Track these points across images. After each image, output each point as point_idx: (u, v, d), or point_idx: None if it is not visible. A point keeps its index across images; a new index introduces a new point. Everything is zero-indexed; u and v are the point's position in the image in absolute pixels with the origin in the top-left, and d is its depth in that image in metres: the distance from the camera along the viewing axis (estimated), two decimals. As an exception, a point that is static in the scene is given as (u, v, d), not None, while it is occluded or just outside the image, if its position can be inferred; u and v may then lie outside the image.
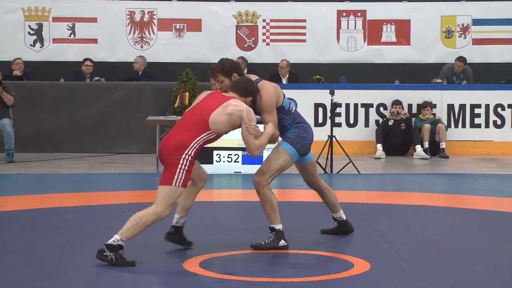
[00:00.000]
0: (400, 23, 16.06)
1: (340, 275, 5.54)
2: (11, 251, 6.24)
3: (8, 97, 12.54)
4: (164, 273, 5.63)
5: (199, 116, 5.90)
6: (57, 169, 11.77)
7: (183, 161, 5.75)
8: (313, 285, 5.32)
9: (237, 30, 16.08)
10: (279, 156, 6.33)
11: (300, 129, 6.39)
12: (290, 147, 6.34)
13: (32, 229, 7.24)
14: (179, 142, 5.80)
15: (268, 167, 6.32)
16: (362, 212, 8.20)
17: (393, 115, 13.75)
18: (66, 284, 5.33)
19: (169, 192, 5.73)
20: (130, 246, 6.08)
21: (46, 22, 15.84)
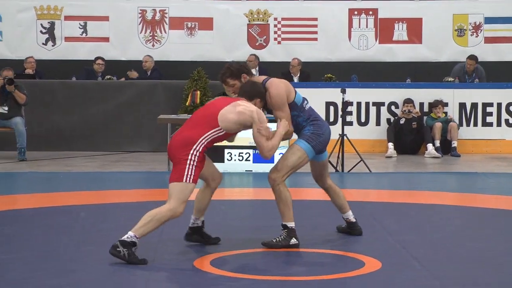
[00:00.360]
0: (412, 21, 16.02)
1: (351, 274, 5.54)
2: (23, 249, 6.26)
3: (20, 96, 12.58)
4: (175, 271, 5.64)
5: (208, 113, 5.92)
6: (68, 167, 11.81)
7: (192, 156, 5.75)
8: (324, 283, 5.32)
9: (249, 28, 16.08)
10: (294, 153, 6.30)
11: (316, 126, 6.36)
12: (306, 144, 6.31)
13: (43, 227, 7.26)
14: (187, 138, 5.82)
15: (283, 164, 6.29)
16: (373, 210, 8.19)
17: (404, 113, 13.72)
18: (78, 281, 5.35)
19: (180, 189, 5.72)
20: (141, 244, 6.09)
21: (58, 21, 15.88)
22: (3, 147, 12.89)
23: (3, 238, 6.69)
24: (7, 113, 12.58)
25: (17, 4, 15.79)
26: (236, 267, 5.67)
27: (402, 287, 5.28)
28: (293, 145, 6.35)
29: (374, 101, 14.03)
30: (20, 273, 5.50)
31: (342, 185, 10.46)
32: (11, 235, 6.86)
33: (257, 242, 6.38)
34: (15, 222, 7.48)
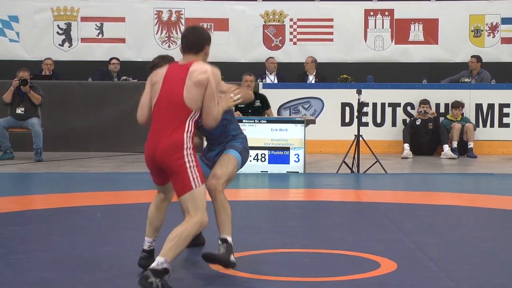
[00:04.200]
0: (428, 22, 15.98)
1: (367, 275, 5.53)
2: (40, 249, 6.28)
3: (35, 97, 12.64)
4: (192, 273, 5.64)
5: (173, 104, 5.17)
6: (84, 168, 11.85)
7: (187, 158, 5.11)
8: (339, 284, 5.31)
9: (264, 29, 16.08)
10: (232, 162, 5.82)
11: (245, 141, 5.98)
12: (238, 155, 5.88)
13: (60, 227, 7.29)
14: (173, 142, 5.12)
15: (222, 171, 5.76)
16: (389, 212, 8.17)
17: (420, 114, 13.69)
18: (94, 282, 5.36)
19: (195, 197, 5.11)
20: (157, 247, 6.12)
21: (75, 22, 15.95)
22: (20, 148, 12.95)
23: (20, 239, 6.72)
24: (23, 114, 12.65)
25: (33, 5, 15.88)
26: (251, 269, 5.66)
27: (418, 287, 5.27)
28: (228, 154, 5.84)
29: (390, 102, 14.00)
30: (37, 273, 5.53)
31: (358, 185, 10.46)
32: (28, 235, 6.89)
33: (272, 243, 6.38)
34: (31, 223, 7.51)
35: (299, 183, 10.76)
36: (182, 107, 5.15)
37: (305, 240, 6.68)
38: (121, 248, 5.76)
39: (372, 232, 7.11)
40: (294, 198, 9.78)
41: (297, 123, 11.33)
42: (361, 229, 7.27)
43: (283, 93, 14.03)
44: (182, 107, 5.15)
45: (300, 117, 12.00)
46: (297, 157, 11.20)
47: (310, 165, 11.75)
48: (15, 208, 8.44)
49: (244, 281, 5.38)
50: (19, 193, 9.71)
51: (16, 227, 7.22)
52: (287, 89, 14.15)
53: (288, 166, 11.20)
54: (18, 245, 6.43)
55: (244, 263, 5.82)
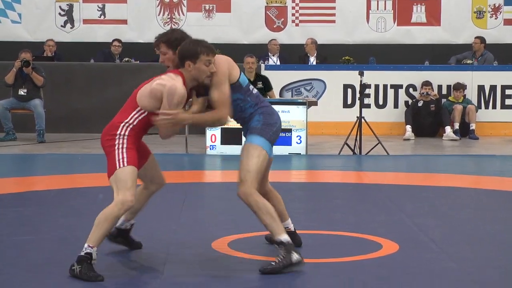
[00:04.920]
0: (431, 3, 15.94)
1: (369, 256, 5.56)
2: (43, 231, 6.32)
3: (37, 78, 12.65)
4: (193, 253, 5.66)
5: (132, 95, 5.28)
6: (87, 149, 11.86)
7: (118, 140, 5.14)
8: (341, 265, 5.34)
9: (266, 11, 16.04)
10: (251, 154, 5.27)
11: (266, 115, 5.35)
12: (259, 138, 5.31)
13: (62, 208, 7.32)
14: (111, 125, 5.23)
15: (245, 172, 5.25)
16: (390, 193, 8.19)
17: (422, 96, 13.69)
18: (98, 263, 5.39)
19: (118, 177, 5.07)
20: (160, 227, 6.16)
21: (77, 3, 15.92)
22: (22, 129, 12.96)
23: (22, 220, 6.75)
24: (26, 95, 12.67)
25: (36, -14, 15.85)
26: (253, 249, 5.69)
27: (419, 269, 5.29)
28: (246, 144, 5.33)
29: (392, 84, 14.00)
30: (40, 254, 5.56)
31: (360, 167, 10.48)
32: (31, 216, 6.92)
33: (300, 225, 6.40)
34: (34, 204, 7.54)
35: (301, 164, 10.78)
36: (133, 100, 5.22)
37: (307, 222, 6.70)
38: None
39: (374, 213, 7.14)
40: (296, 180, 9.80)
41: (299, 105, 11.34)
42: (363, 211, 7.30)
43: (285, 74, 14.02)
44: (133, 100, 5.22)
45: (302, 99, 12.00)
46: (299, 138, 11.21)
47: (312, 147, 11.77)
48: (17, 189, 8.47)
49: (246, 262, 5.41)
50: (22, 174, 9.74)
51: (19, 208, 7.25)
52: (289, 71, 14.14)
53: (290, 148, 11.22)
54: (21, 226, 6.46)
55: (246, 244, 5.86)
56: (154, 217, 6.59)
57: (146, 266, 5.41)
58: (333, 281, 5.05)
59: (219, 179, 9.74)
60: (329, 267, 5.31)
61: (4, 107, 12.60)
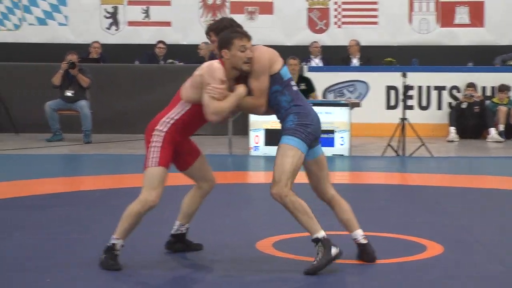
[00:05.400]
0: (474, 4, 15.83)
1: (413, 258, 5.55)
2: (92, 230, 6.42)
3: (84, 79, 12.83)
4: (238, 253, 5.71)
5: (176, 94, 5.39)
6: (132, 150, 11.99)
7: (154, 137, 5.22)
8: (385, 267, 5.34)
9: (309, 12, 16.07)
10: (286, 155, 5.18)
11: (300, 115, 5.23)
12: (293, 138, 5.20)
13: (110, 208, 7.41)
14: (153, 121, 5.30)
15: (279, 172, 5.18)
16: (435, 195, 8.18)
17: (466, 97, 13.61)
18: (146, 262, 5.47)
19: (147, 176, 5.22)
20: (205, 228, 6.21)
21: (122, 6, 16.09)
22: (69, 130, 13.15)
23: (70, 219, 6.86)
24: (72, 97, 12.85)
25: (82, -11, 16.06)
26: (297, 250, 5.72)
27: (464, 271, 5.27)
28: (280, 145, 5.23)
29: (435, 85, 13.96)
30: (89, 253, 5.64)
31: (403, 169, 10.47)
32: (78, 216, 7.03)
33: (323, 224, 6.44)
34: (81, 204, 7.66)
35: (344, 166, 10.79)
36: (176, 97, 5.32)
37: (352, 223, 6.70)
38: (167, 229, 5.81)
39: (418, 215, 7.14)
40: (339, 181, 9.80)
41: (342, 106, 11.35)
42: (407, 212, 7.30)
43: (328, 76, 14.04)
44: (176, 96, 5.32)
45: (345, 100, 12.01)
46: (342, 140, 11.23)
47: (355, 148, 11.77)
48: (65, 189, 8.61)
49: (290, 262, 5.44)
50: (69, 174, 9.90)
51: (67, 208, 7.37)
52: (332, 72, 14.15)
53: (334, 149, 11.24)
54: (69, 226, 6.57)
55: (290, 244, 5.89)
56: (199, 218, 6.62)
57: (192, 266, 5.47)
58: (377, 283, 5.05)
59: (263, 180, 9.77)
60: (373, 269, 5.31)
61: (52, 108, 12.80)
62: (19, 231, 6.30)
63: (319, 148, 5.41)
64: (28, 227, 6.47)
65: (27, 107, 13.77)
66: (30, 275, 5.09)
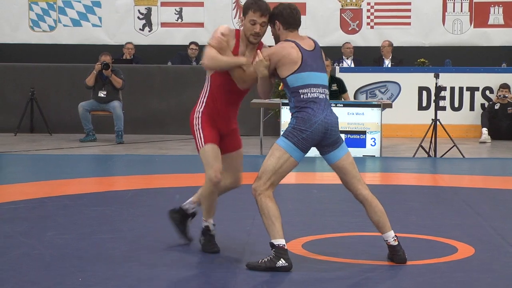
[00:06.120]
0: (509, 4, 15.72)
1: (444, 259, 5.54)
2: (123, 229, 6.47)
3: (117, 80, 12.93)
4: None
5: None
6: (164, 150, 12.07)
7: (195, 121, 5.53)
8: (416, 268, 5.33)
9: (341, 13, 16.05)
10: (272, 154, 5.27)
11: (299, 119, 5.24)
12: (285, 141, 5.24)
13: (141, 208, 7.49)
14: (192, 110, 5.60)
15: (262, 169, 5.28)
16: (466, 196, 8.14)
17: (499, 98, 13.52)
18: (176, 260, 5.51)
19: (202, 158, 5.47)
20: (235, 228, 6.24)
21: (155, 7, 16.19)
22: (102, 130, 13.27)
23: (103, 218, 6.94)
24: (105, 97, 12.96)
25: (116, -10, 16.18)
26: (327, 251, 5.73)
27: (496, 273, 5.24)
28: (274, 144, 5.36)
29: (468, 86, 13.87)
30: (122, 251, 5.70)
31: (435, 170, 10.42)
32: (111, 215, 7.10)
33: (348, 226, 6.43)
34: (114, 203, 7.72)
35: (375, 167, 10.77)
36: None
37: (382, 224, 6.70)
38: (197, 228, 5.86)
39: (449, 216, 7.11)
40: (370, 182, 9.75)
41: (374, 107, 11.33)
42: (438, 214, 7.28)
43: (360, 77, 14.01)
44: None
45: (376, 101, 11.99)
46: (374, 141, 11.22)
47: (386, 149, 11.74)
48: (98, 189, 8.69)
49: (320, 263, 5.45)
50: (102, 174, 9.98)
51: (99, 207, 7.45)
52: (363, 73, 14.13)
53: (365, 150, 11.22)
54: (101, 225, 6.64)
55: (320, 245, 5.90)
56: (229, 217, 6.70)
57: (222, 265, 5.50)
58: (408, 284, 5.06)
59: (292, 181, 9.78)
60: (404, 270, 5.31)
61: (85, 108, 12.91)
62: (51, 230, 6.37)
63: (337, 152, 5.41)
64: (61, 227, 6.54)
65: (61, 108, 13.93)
66: (61, 273, 5.15)
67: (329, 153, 5.39)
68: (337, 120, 5.40)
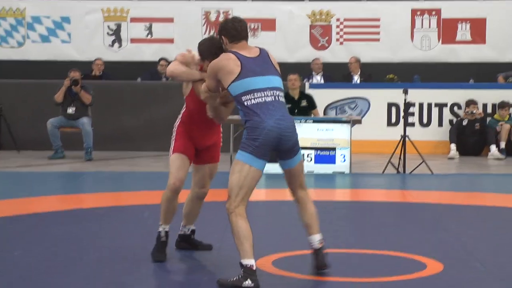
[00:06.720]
0: (476, 21, 15.88)
1: (413, 276, 5.56)
2: (90, 248, 6.41)
3: (86, 96, 12.87)
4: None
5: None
6: (134, 167, 12.01)
7: (173, 132, 5.99)
8: (385, 285, 5.34)
9: (311, 29, 16.13)
10: (233, 170, 5.28)
11: (249, 129, 5.27)
12: (241, 152, 5.28)
13: (109, 226, 7.43)
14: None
15: (229, 189, 5.29)
16: (435, 212, 8.18)
17: (467, 114, 13.63)
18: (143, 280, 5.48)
19: (169, 164, 5.94)
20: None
21: (125, 23, 16.16)
22: (70, 147, 13.17)
23: (69, 237, 6.86)
24: (74, 114, 12.88)
25: (85, 6, 16.10)
26: (297, 268, 5.73)
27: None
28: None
29: (436, 102, 13.97)
30: (89, 271, 5.66)
31: (404, 186, 10.47)
32: (78, 234, 7.02)
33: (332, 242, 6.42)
34: (82, 221, 7.66)
35: (345, 183, 10.80)
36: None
37: (351, 241, 6.73)
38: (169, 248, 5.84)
39: (418, 233, 7.14)
40: (340, 199, 9.82)
41: (343, 123, 11.37)
42: (407, 230, 7.30)
43: (330, 93, 14.07)
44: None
45: (346, 117, 12.03)
46: (343, 157, 11.25)
47: (356, 165, 11.78)
48: (65, 207, 8.61)
49: (290, 281, 5.45)
50: (70, 192, 9.90)
51: (67, 226, 7.37)
52: (333, 89, 14.18)
53: (335, 166, 11.25)
54: (68, 244, 6.56)
55: (290, 263, 5.89)
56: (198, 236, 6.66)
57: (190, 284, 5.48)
58: (377, 300, 5.08)
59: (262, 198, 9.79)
60: (372, 287, 5.32)
61: (53, 125, 12.83)
62: (19, 249, 6.31)
63: (292, 160, 5.43)
64: (28, 246, 6.48)
65: (29, 124, 13.82)
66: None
67: (287, 159, 5.42)
68: (292, 123, 5.36)
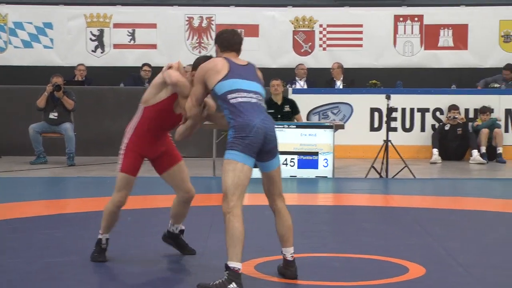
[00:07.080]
0: (458, 27, 15.96)
1: (395, 280, 5.58)
2: (73, 253, 6.40)
3: (68, 102, 12.83)
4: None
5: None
6: (115, 172, 11.93)
7: (122, 146, 5.97)
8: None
9: (294, 35, 16.16)
10: (225, 170, 5.28)
11: (236, 128, 5.29)
12: (230, 151, 5.28)
13: (92, 231, 7.38)
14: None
15: (223, 189, 5.29)
16: (417, 216, 8.21)
17: (449, 119, 13.69)
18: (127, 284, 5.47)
19: (116, 180, 5.96)
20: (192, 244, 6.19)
21: (107, 28, 16.13)
22: (52, 152, 13.12)
23: (53, 242, 6.85)
24: (56, 119, 12.84)
25: (67, 12, 16.06)
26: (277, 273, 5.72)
27: (445, 293, 5.30)
28: (223, 161, 5.37)
29: (419, 107, 14.03)
30: (71, 275, 5.65)
31: (387, 190, 10.50)
32: (61, 238, 7.02)
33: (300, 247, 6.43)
34: (64, 226, 7.64)
35: (328, 188, 10.82)
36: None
37: (334, 245, 6.74)
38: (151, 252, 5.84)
39: (400, 237, 7.16)
40: (323, 203, 9.84)
41: (326, 128, 11.40)
42: (389, 234, 7.32)
43: (312, 98, 14.09)
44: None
45: (329, 122, 12.06)
46: (326, 162, 11.27)
47: (339, 170, 11.80)
48: (48, 212, 8.59)
49: (272, 285, 5.45)
50: (52, 197, 9.87)
51: (49, 230, 7.35)
52: (316, 94, 14.21)
53: (317, 171, 11.27)
54: (51, 249, 6.55)
55: (272, 267, 5.89)
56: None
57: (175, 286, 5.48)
58: (359, 304, 5.08)
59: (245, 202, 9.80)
60: (355, 290, 5.34)
61: (36, 130, 12.78)
62: (5, 254, 6.28)
63: (272, 163, 5.46)
64: (10, 251, 6.45)
65: (11, 130, 13.76)
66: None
67: (267, 161, 5.44)
68: (274, 125, 5.45)
